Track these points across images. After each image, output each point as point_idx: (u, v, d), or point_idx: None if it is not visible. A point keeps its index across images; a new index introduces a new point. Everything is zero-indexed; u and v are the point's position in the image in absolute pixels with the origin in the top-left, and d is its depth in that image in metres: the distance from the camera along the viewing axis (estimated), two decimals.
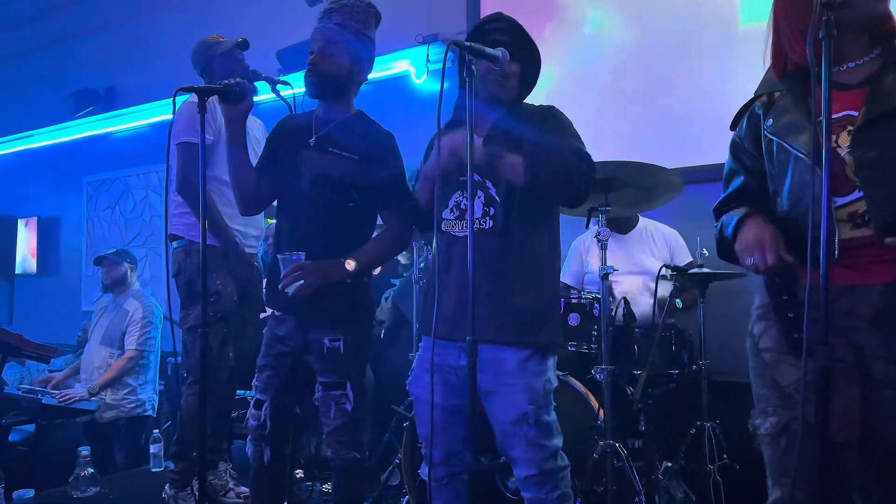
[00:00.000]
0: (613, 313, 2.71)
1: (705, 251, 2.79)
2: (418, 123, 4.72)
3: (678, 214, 3.29)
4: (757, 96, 1.57)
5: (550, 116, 1.97)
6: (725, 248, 1.58)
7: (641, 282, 3.11)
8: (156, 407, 4.09)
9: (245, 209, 2.30)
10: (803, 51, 1.37)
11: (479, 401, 1.90)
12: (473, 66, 1.69)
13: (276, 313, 2.26)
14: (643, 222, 3.23)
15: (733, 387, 2.86)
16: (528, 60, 1.99)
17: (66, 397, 3.80)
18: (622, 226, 3.18)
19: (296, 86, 2.38)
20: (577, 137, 1.94)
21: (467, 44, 1.70)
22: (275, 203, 2.35)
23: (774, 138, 1.49)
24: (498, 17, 1.98)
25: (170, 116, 2.15)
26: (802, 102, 1.45)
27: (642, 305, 2.99)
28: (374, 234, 2.33)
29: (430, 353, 1.89)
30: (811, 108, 1.36)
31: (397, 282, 4.00)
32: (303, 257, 2.06)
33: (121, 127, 6.20)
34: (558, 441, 1.90)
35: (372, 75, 4.70)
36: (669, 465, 2.75)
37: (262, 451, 2.26)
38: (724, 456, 2.76)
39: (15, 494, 2.87)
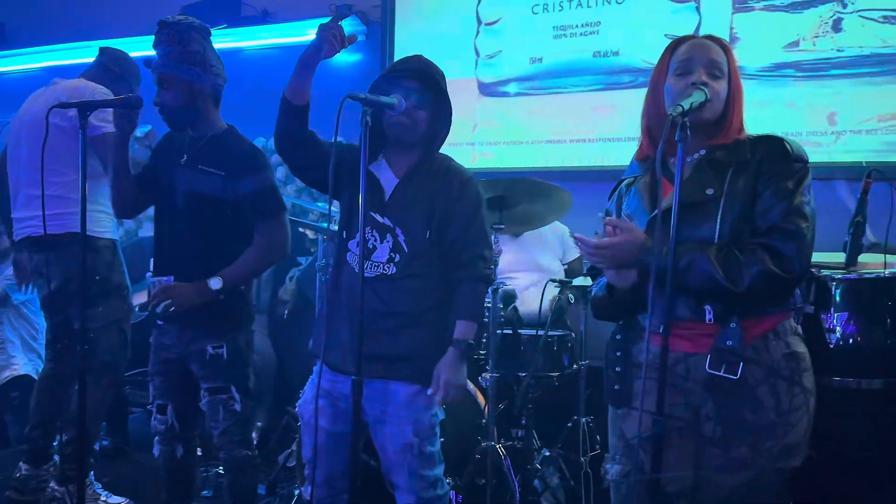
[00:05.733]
0: (503, 319, 2.88)
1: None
2: (329, 94, 4.69)
3: (573, 212, 3.47)
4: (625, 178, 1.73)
5: (467, 195, 1.99)
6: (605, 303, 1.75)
7: (536, 279, 3.30)
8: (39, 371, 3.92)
9: (122, 212, 2.48)
10: (646, 142, 1.66)
11: (366, 427, 2.02)
12: (368, 118, 1.74)
13: (159, 322, 2.37)
14: None
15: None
16: (438, 105, 1.98)
17: None
18: (515, 230, 3.35)
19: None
20: (484, 224, 2.02)
21: (361, 96, 1.76)
22: None
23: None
24: (411, 61, 2.00)
25: (65, 62, 2.17)
26: (648, 191, 1.64)
27: (535, 302, 3.18)
28: None
29: (320, 377, 1.98)
30: (655, 196, 1.59)
31: (304, 260, 4.05)
32: (171, 280, 2.21)
33: (12, 68, 5.81)
34: (439, 470, 2.02)
35: (282, 41, 4.75)
36: (547, 454, 3.00)
37: (174, 449, 2.44)
38: (597, 447, 3.02)
39: None
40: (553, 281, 2.90)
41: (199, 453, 2.94)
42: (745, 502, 1.56)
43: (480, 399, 2.83)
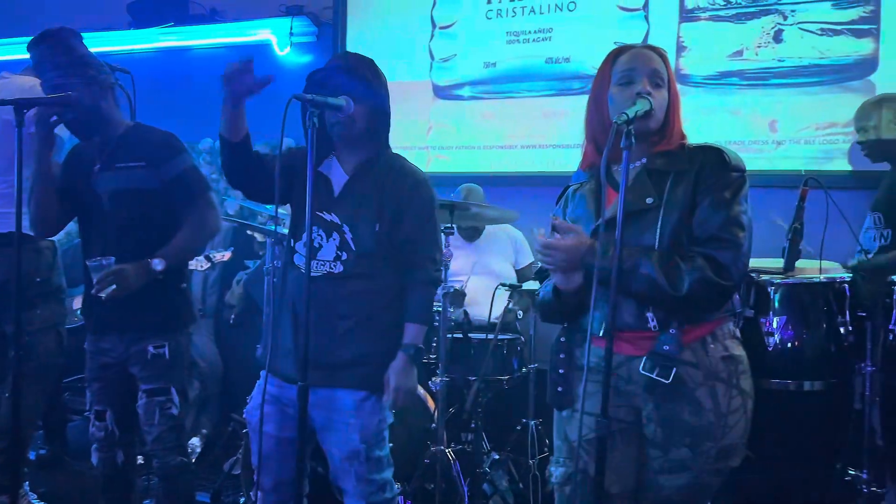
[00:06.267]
0: (453, 322, 2.88)
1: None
2: (279, 95, 4.64)
3: (525, 216, 3.50)
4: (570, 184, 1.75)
5: (420, 196, 1.97)
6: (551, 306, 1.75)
7: (487, 281, 3.31)
8: None
9: (43, 231, 2.41)
10: (591, 151, 1.68)
11: (313, 434, 1.99)
12: (315, 119, 1.72)
13: (96, 332, 2.32)
14: (489, 228, 3.41)
15: None
16: (372, 98, 1.95)
17: None
18: (470, 234, 3.36)
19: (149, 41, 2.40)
20: (436, 227, 2.02)
21: (309, 97, 1.74)
22: None
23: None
24: (336, 59, 2.02)
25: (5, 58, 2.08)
26: (593, 197, 1.66)
27: (486, 304, 3.19)
28: None
29: (268, 384, 1.93)
30: (599, 203, 1.60)
31: (251, 263, 3.98)
32: (113, 261, 2.14)
33: None
34: (388, 473, 2.00)
35: (231, 40, 4.67)
36: (497, 457, 3.00)
37: (115, 455, 2.38)
38: (546, 450, 3.04)
39: None
40: (503, 285, 2.91)
41: (140, 461, 2.87)
42: (685, 502, 1.59)
43: (430, 403, 2.82)
